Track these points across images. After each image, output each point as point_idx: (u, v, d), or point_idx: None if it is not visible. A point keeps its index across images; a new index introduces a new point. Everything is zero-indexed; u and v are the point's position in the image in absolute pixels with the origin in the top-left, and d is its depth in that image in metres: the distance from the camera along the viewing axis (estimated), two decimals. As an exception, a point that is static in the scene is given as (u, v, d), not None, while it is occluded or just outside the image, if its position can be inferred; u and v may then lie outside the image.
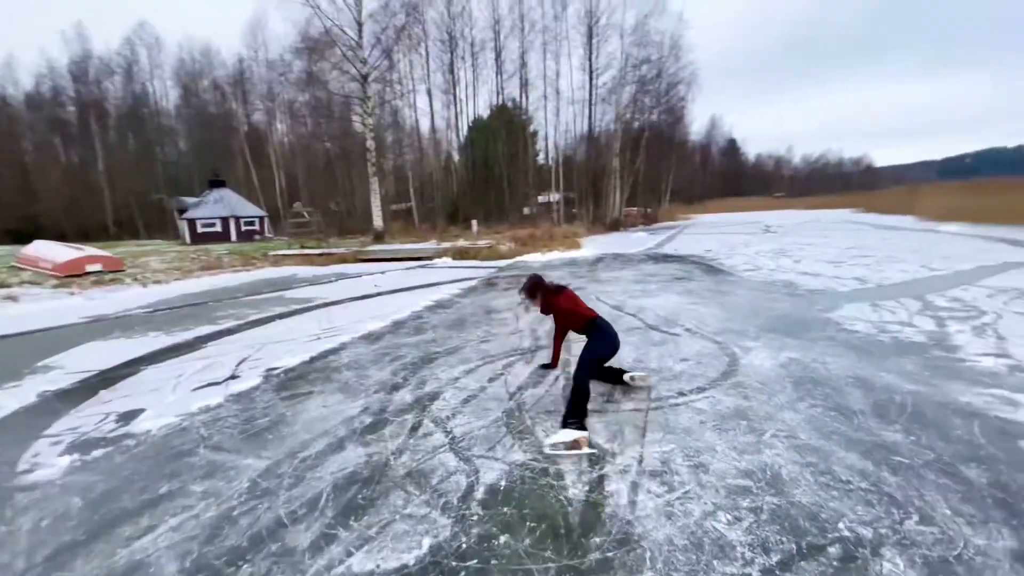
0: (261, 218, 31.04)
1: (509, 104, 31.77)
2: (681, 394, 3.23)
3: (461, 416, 3.01)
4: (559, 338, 3.56)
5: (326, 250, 15.53)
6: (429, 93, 29.62)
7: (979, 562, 1.67)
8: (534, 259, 12.91)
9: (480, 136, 30.61)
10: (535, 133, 32.57)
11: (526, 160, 31.12)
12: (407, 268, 12.18)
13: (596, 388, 3.38)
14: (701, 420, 2.82)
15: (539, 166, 32.36)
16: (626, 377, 3.31)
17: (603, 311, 4.76)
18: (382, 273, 11.20)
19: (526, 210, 31.15)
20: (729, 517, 1.95)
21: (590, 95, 28.70)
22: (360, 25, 16.50)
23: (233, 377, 3.99)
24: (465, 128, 31.83)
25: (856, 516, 1.92)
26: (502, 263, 12.33)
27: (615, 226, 28.23)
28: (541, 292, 3.35)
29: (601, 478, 2.27)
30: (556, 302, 3.26)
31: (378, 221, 18.08)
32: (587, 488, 2.19)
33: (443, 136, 32.07)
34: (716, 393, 3.22)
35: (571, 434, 2.54)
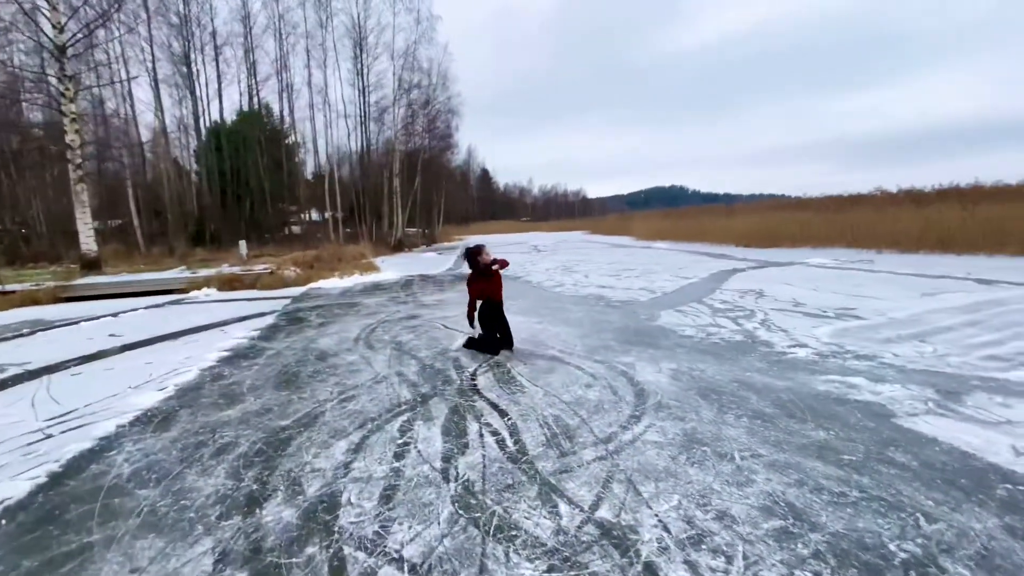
0: None
1: (266, 110, 27.96)
2: (623, 427, 2.97)
3: (398, 526, 2.08)
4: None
5: (-6, 288, 10.46)
6: (155, 85, 23.68)
7: (997, 547, 1.81)
8: (332, 285, 11.30)
9: (230, 143, 25.95)
10: (300, 144, 29.47)
11: (292, 174, 27.81)
12: (151, 307, 9.11)
13: (536, 440, 2.85)
14: (670, 456, 2.60)
15: (308, 181, 29.33)
16: None
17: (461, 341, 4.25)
18: (115, 316, 8.06)
19: (296, 228, 27.79)
20: (809, 575, 1.71)
21: (364, 112, 27.54)
22: (46, -25, 11.83)
23: None
24: (206, 132, 26.53)
25: (889, 532, 1.92)
26: (295, 291, 10.36)
27: (399, 247, 27.59)
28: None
29: (650, 568, 1.77)
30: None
31: (90, 244, 13.18)
32: (649, 590, 1.67)
33: (176, 139, 26.03)
34: (652, 420, 3.07)
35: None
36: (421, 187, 33.06)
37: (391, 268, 15.19)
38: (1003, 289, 7.13)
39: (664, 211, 36.01)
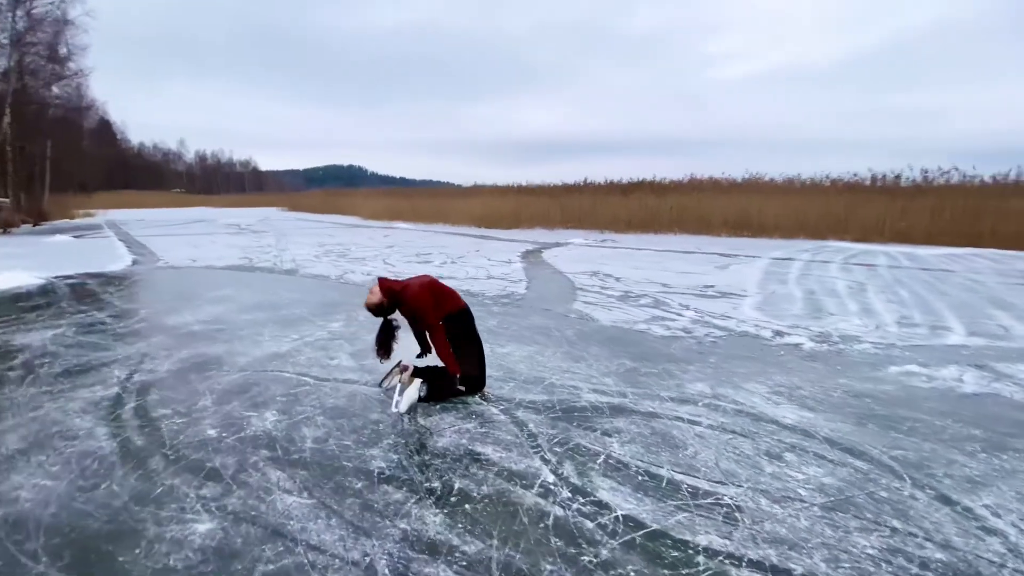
0: None
1: None
2: (992, 532, 1.81)
3: None
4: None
5: None
6: None
7: None
8: None
9: None
10: None
11: None
12: None
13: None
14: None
15: None
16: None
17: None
18: None
19: None
20: None
21: None
22: None
23: None
24: None
25: None
26: None
27: (-19, 227, 16.74)
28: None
29: None
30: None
31: None
32: None
33: None
34: (964, 500, 2.02)
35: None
36: (13, 134, 21.25)
37: (25, 263, 8.60)
38: (749, 260, 9.18)
39: (386, 190, 34.38)
